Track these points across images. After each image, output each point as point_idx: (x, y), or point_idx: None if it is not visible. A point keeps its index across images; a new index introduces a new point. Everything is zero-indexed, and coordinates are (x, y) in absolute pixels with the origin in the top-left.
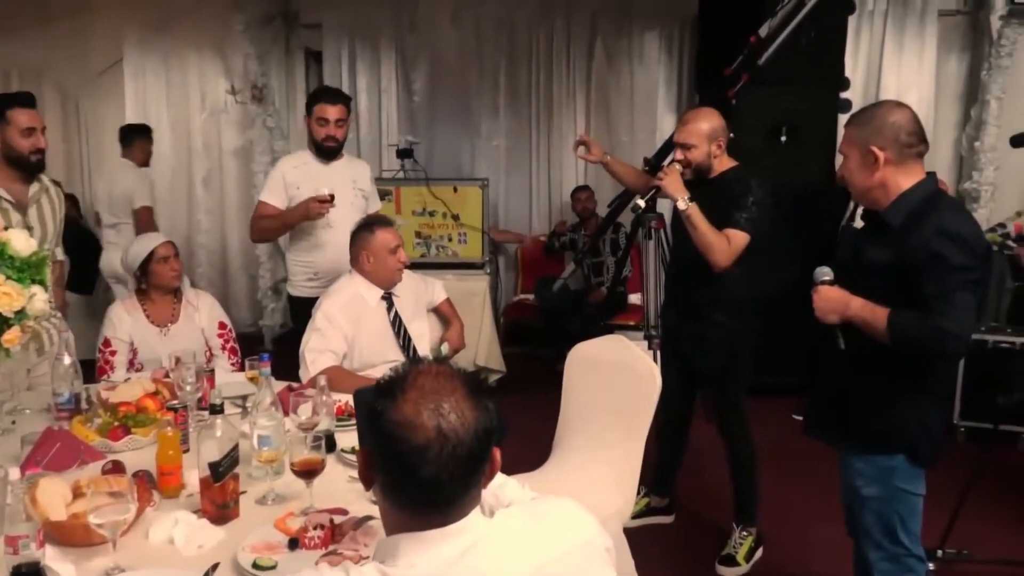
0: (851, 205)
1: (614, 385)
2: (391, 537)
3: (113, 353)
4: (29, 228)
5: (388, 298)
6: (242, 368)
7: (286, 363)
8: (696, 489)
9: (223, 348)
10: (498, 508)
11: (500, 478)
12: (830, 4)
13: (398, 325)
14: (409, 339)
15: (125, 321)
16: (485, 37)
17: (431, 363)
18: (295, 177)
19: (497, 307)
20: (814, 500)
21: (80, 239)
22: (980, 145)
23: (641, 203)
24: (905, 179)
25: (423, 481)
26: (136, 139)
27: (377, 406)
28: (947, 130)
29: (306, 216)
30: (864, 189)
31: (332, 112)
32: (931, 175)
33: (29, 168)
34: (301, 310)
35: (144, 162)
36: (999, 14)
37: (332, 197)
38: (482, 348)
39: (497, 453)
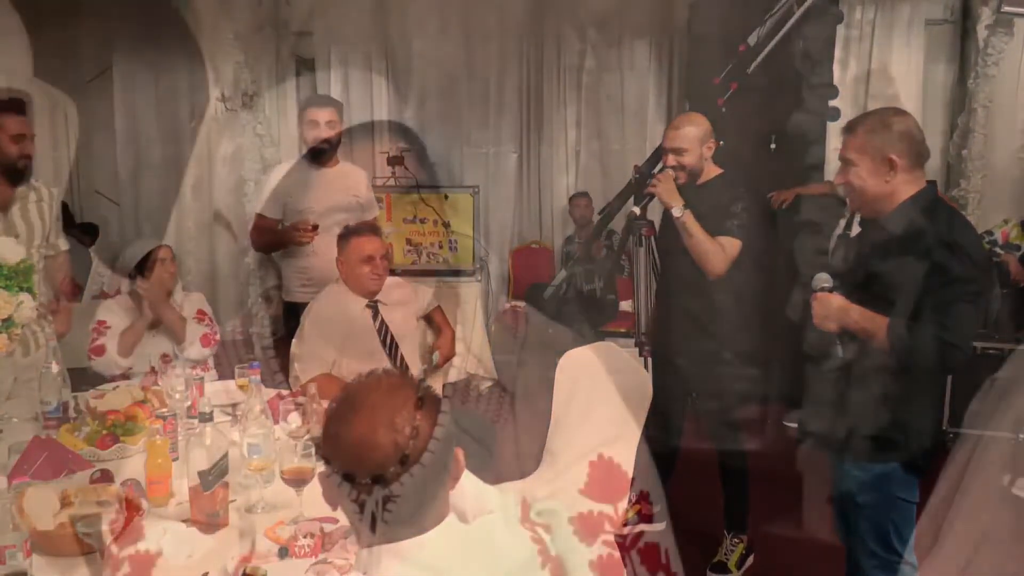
0: (848, 213)
1: (605, 392)
2: (373, 548)
3: (107, 328)
4: (15, 233)
5: (374, 306)
6: (231, 375)
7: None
8: (687, 496)
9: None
10: (480, 515)
11: (479, 486)
12: (819, 13)
13: (384, 333)
14: (396, 347)
15: (117, 313)
16: (475, 46)
17: (380, 376)
18: (287, 186)
19: (488, 314)
20: (805, 507)
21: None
22: (967, 153)
23: (637, 211)
24: (910, 186)
25: (383, 497)
26: None
27: (330, 429)
28: (934, 138)
29: (292, 242)
30: (877, 196)
31: (321, 115)
32: (932, 183)
33: (16, 175)
34: (295, 316)
35: None
36: (986, 23)
37: (315, 227)
38: (473, 355)
39: (460, 454)
